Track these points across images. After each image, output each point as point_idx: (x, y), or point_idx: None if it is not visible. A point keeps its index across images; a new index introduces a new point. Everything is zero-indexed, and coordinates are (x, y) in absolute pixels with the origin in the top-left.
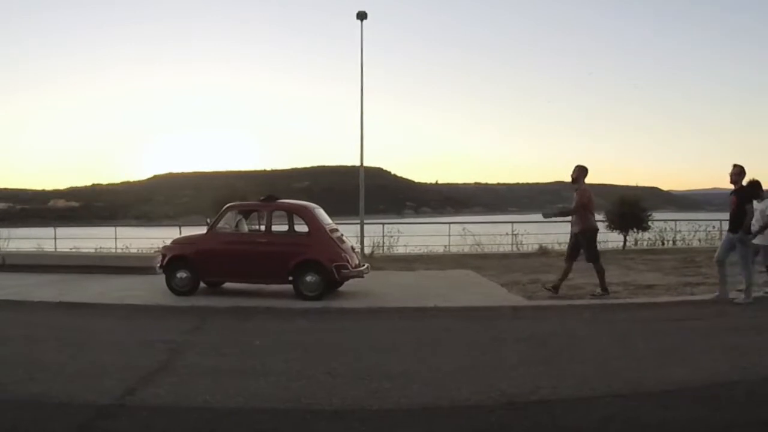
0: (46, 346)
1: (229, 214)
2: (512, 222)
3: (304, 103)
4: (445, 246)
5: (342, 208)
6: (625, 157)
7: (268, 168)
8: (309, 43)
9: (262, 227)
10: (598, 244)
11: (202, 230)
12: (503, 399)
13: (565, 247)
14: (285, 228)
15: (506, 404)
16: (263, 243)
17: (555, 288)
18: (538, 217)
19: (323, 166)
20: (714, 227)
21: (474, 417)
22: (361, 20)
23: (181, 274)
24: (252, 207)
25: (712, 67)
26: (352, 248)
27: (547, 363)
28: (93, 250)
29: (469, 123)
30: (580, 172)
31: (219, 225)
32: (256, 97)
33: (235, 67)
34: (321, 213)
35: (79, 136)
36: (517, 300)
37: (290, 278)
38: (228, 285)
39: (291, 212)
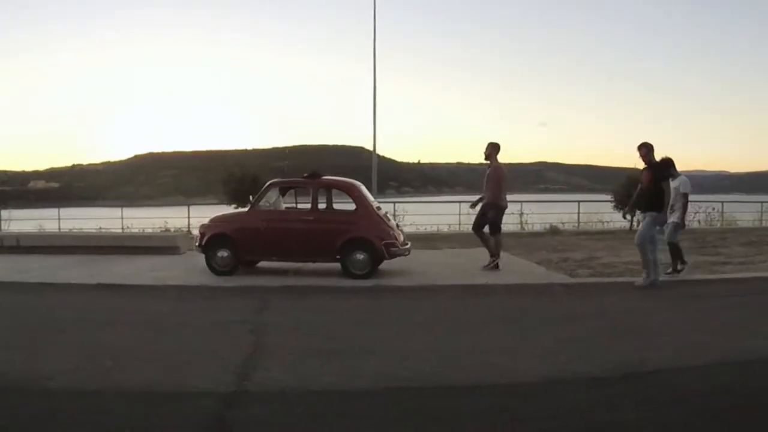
0: (111, 330)
1: (271, 192)
2: (521, 201)
3: (285, 81)
4: (450, 225)
5: None
6: (609, 139)
7: (249, 147)
8: (294, 19)
9: (300, 205)
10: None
11: (217, 209)
12: (619, 370)
13: (569, 227)
14: (322, 206)
15: (625, 375)
16: (310, 221)
17: (496, 265)
18: (541, 196)
19: (305, 145)
20: (714, 209)
21: (603, 388)
22: None
23: (222, 254)
24: (296, 184)
25: (696, 52)
26: (397, 226)
27: (633, 336)
28: (95, 230)
29: (451, 103)
30: (493, 149)
31: (261, 203)
32: (235, 76)
33: (214, 44)
34: (366, 190)
35: (59, 116)
36: (561, 278)
37: (338, 256)
38: (261, 264)
39: (338, 189)
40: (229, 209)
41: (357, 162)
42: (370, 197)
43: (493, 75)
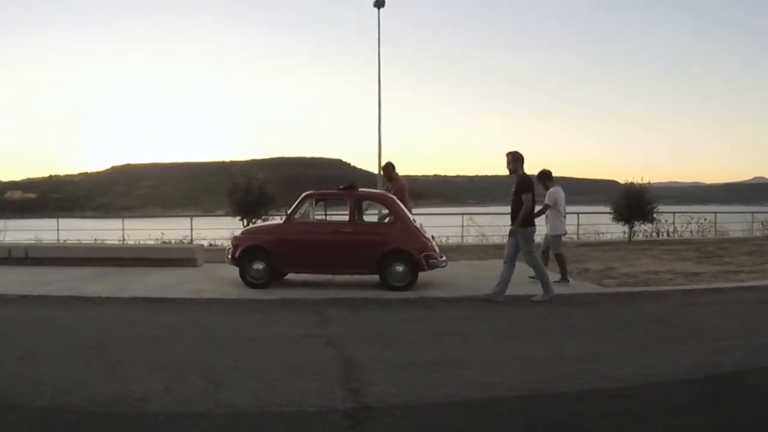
0: (178, 346)
1: (307, 203)
2: None
3: (263, 94)
4: (448, 237)
5: None
6: (587, 151)
7: (227, 159)
8: (272, 30)
9: (331, 217)
10: None
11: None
12: (703, 372)
13: (566, 238)
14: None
15: (710, 376)
16: (349, 232)
17: None
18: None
19: (283, 158)
20: (706, 219)
21: (698, 389)
22: (379, 8)
23: (257, 266)
24: (332, 196)
25: (666, 63)
26: (432, 237)
27: (696, 341)
28: (93, 242)
29: (428, 115)
30: (390, 168)
31: (296, 215)
32: (212, 88)
33: (190, 56)
34: (401, 203)
35: (36, 126)
36: (595, 288)
37: (377, 268)
38: (290, 276)
39: (376, 202)
40: (234, 221)
41: (337, 173)
42: (406, 210)
43: (469, 88)
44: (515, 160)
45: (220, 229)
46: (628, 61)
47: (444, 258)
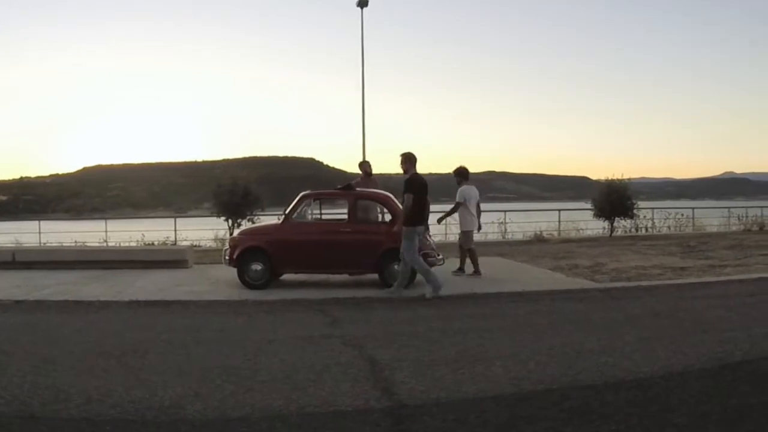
0: (194, 350)
1: (304, 203)
2: (504, 211)
3: (235, 93)
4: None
5: (280, 198)
6: (559, 148)
7: (199, 159)
8: (244, 29)
9: (326, 216)
10: None
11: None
12: (715, 362)
13: (546, 235)
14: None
15: (723, 366)
16: (348, 232)
17: None
18: (526, 205)
19: (256, 157)
20: (683, 215)
21: (714, 378)
22: (362, 8)
23: (256, 267)
24: (330, 195)
25: (637, 60)
26: (429, 236)
27: (702, 333)
28: (74, 244)
29: (401, 113)
30: (366, 165)
31: (294, 215)
32: (183, 88)
33: (161, 56)
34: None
35: (6, 128)
36: (589, 283)
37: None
38: (285, 276)
39: (374, 201)
40: (216, 221)
41: (309, 172)
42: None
43: (444, 87)
44: (407, 160)
45: (202, 230)
46: (599, 59)
47: (441, 256)
